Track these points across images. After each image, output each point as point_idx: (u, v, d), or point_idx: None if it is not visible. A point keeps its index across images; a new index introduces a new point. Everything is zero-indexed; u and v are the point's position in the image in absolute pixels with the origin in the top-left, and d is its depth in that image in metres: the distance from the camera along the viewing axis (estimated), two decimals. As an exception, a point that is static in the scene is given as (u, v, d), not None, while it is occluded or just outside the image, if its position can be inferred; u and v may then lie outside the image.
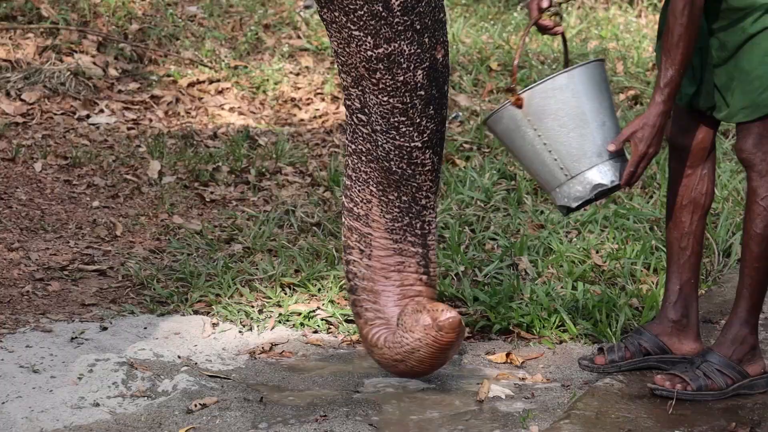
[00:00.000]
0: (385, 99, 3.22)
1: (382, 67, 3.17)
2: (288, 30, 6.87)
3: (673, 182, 3.50)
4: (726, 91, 3.32)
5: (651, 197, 4.88)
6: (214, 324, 3.89)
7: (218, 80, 6.21)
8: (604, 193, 3.29)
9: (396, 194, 3.33)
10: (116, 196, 4.92)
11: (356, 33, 3.16)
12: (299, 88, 6.26)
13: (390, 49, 3.16)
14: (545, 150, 3.21)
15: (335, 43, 3.23)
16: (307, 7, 7.35)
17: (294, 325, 3.90)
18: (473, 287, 4.06)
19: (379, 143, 3.28)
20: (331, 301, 3.99)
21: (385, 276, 3.41)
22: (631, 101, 6.15)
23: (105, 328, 3.81)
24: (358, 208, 3.38)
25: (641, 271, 4.19)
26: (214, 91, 6.14)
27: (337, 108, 6.12)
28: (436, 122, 3.29)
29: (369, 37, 3.15)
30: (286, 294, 4.05)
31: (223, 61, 6.33)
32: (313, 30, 6.89)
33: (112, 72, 6.06)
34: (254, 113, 6.00)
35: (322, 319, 3.92)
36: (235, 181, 5.14)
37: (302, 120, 5.99)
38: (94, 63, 6.06)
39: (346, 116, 3.35)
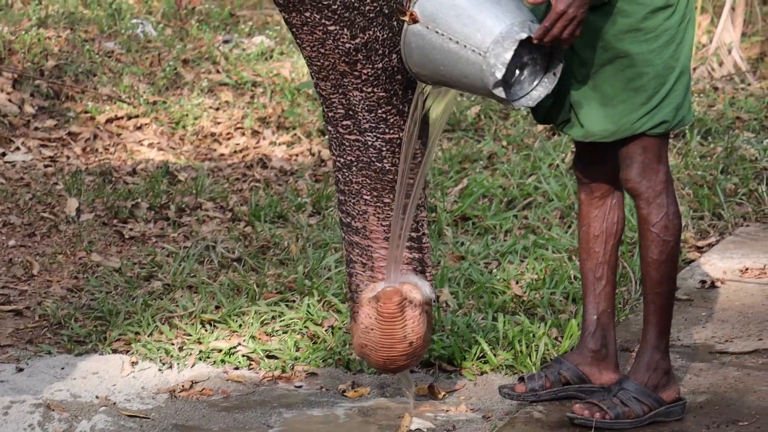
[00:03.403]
0: (370, 90, 3.27)
1: (361, 56, 3.24)
2: (207, 65, 6.86)
3: (584, 214, 3.53)
4: (579, 109, 3.33)
5: (569, 227, 4.93)
6: (133, 362, 3.85)
7: (137, 116, 6.17)
8: (524, 55, 3.16)
9: (391, 196, 3.37)
10: (33, 235, 4.86)
11: (332, 28, 3.21)
12: (219, 123, 6.24)
13: (366, 37, 3.22)
14: (454, 44, 3.16)
15: (308, 48, 3.28)
16: (226, 42, 7.34)
17: (215, 362, 3.87)
18: (394, 320, 4.06)
19: (369, 143, 3.32)
20: (252, 337, 3.97)
21: None
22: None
23: (21, 369, 3.75)
24: (355, 222, 3.42)
25: (560, 300, 4.23)
26: (132, 127, 6.10)
27: (258, 142, 6.11)
28: None
29: (345, 29, 3.21)
30: (206, 330, 4.02)
31: (142, 96, 6.29)
32: (232, 64, 6.88)
33: (28, 109, 5.99)
34: (174, 149, 5.97)
35: (243, 356, 3.90)
36: (154, 218, 5.10)
37: (222, 155, 5.97)
38: (10, 100, 5.99)
39: (329, 131, 3.39)
